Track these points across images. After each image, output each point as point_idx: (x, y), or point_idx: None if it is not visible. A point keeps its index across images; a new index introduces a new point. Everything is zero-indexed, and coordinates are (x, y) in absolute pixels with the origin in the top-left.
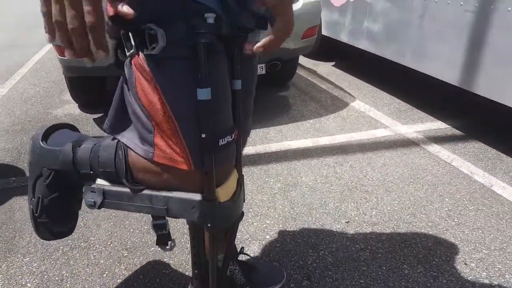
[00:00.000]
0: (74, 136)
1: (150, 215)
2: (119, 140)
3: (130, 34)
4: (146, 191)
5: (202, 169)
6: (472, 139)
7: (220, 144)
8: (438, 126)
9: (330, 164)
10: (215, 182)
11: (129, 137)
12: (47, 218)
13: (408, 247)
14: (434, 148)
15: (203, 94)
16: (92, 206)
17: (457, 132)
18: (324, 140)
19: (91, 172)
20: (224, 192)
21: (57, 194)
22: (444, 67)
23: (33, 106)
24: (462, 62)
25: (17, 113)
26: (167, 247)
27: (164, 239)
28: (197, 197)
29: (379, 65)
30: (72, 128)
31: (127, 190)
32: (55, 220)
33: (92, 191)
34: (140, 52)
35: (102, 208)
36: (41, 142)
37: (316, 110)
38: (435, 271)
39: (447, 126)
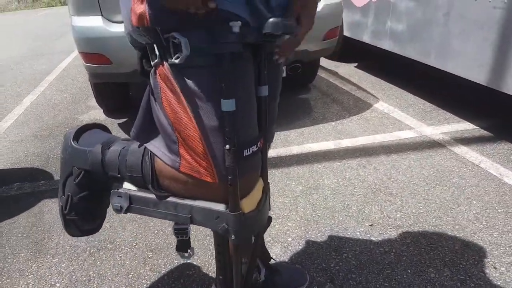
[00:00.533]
0: (105, 137)
1: None
2: (145, 147)
3: (154, 43)
4: (171, 199)
5: (226, 181)
6: (501, 140)
7: (245, 155)
8: (465, 127)
9: (353, 167)
10: (239, 193)
11: (156, 145)
12: (76, 216)
13: (434, 250)
14: (461, 150)
15: (228, 105)
16: (118, 210)
17: (485, 133)
18: (347, 142)
19: (119, 175)
20: (249, 203)
21: (86, 193)
22: (471, 66)
23: (60, 112)
24: (490, 60)
25: (45, 119)
26: (186, 254)
27: (184, 245)
28: (221, 207)
29: (403, 66)
30: (104, 128)
31: (153, 196)
32: (83, 217)
33: (119, 196)
34: (164, 62)
35: None
36: (72, 142)
37: (338, 112)
38: (463, 274)
39: (474, 127)
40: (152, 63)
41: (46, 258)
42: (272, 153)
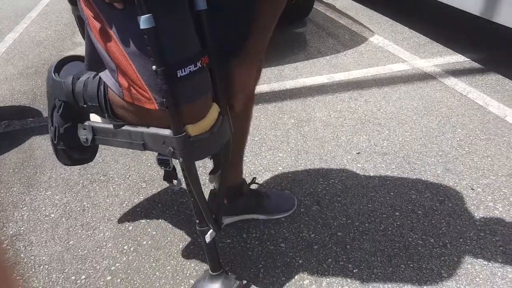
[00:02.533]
0: (80, 68)
1: None
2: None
3: None
4: (126, 127)
5: (163, 106)
6: (491, 71)
7: (179, 76)
8: (456, 59)
9: (345, 100)
10: (186, 119)
11: (107, 74)
12: (64, 146)
13: (417, 174)
14: (451, 81)
15: (145, 22)
16: (85, 142)
17: (475, 65)
18: (340, 76)
19: (85, 105)
20: (197, 127)
21: (70, 124)
22: None
23: (46, 49)
24: None
25: (30, 57)
26: (174, 184)
27: (170, 175)
28: (166, 132)
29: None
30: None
31: (111, 126)
32: (72, 147)
33: (84, 129)
34: None
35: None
36: (53, 74)
37: (333, 46)
38: (442, 196)
39: (466, 59)
40: None
41: (39, 191)
42: (265, 88)
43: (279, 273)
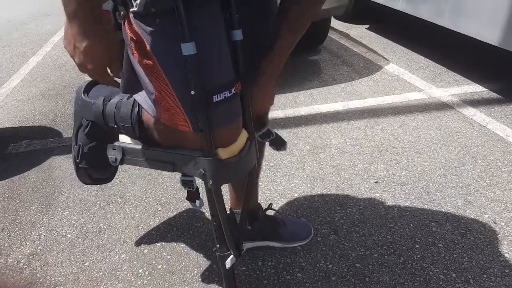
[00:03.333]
0: (110, 91)
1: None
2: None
3: None
4: (156, 148)
5: (198, 129)
6: (510, 102)
7: (215, 101)
8: (474, 89)
9: (361, 127)
10: (218, 142)
11: (142, 96)
12: (86, 165)
13: (437, 206)
14: (469, 111)
15: (187, 49)
16: (114, 162)
17: (494, 95)
18: (355, 104)
19: (115, 126)
20: (227, 151)
21: (95, 143)
22: (484, 26)
23: (67, 72)
24: (503, 20)
25: (51, 79)
26: (196, 204)
27: (193, 195)
28: (198, 153)
29: (415, 27)
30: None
31: (141, 147)
32: (93, 166)
33: (113, 149)
34: (129, 12)
35: (136, 167)
36: (82, 94)
37: (348, 74)
38: (463, 228)
39: (484, 89)
40: (121, 15)
41: (56, 211)
42: (280, 114)
43: None
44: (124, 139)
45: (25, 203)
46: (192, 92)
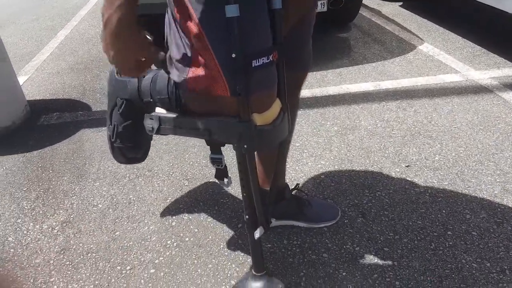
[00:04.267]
0: None
1: (209, 150)
2: None
3: None
4: (192, 116)
5: (236, 93)
6: None
7: (253, 65)
8: None
9: (392, 109)
10: (254, 108)
11: (178, 67)
12: (121, 144)
13: (471, 193)
14: (510, 95)
15: (231, 11)
16: (150, 131)
17: None
18: (387, 84)
19: (151, 100)
20: (262, 117)
21: (130, 122)
22: None
23: (94, 46)
24: None
25: (79, 53)
26: (224, 182)
27: (221, 173)
28: (234, 119)
29: (452, 5)
30: None
31: (177, 116)
32: (128, 145)
33: (150, 118)
34: None
35: (164, 142)
36: (115, 74)
37: (380, 53)
38: (500, 217)
39: None
40: None
41: (88, 181)
42: (307, 93)
43: (321, 283)
44: (160, 110)
45: (58, 173)
46: (233, 55)
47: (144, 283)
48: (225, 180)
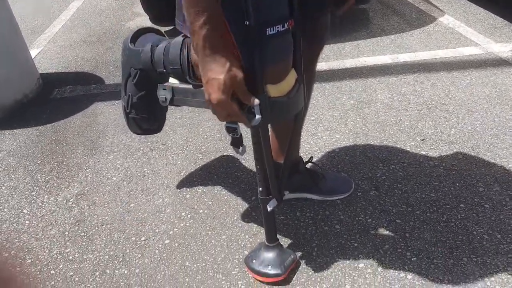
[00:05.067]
0: (156, 39)
1: (223, 124)
2: (184, 38)
3: None
4: None
5: (249, 63)
6: None
7: (268, 34)
8: None
9: (410, 82)
10: (268, 78)
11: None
12: (136, 114)
13: (486, 166)
14: None
15: None
16: (164, 102)
17: None
18: (405, 57)
19: (164, 70)
20: (276, 89)
21: (144, 92)
22: None
23: (107, 19)
24: None
25: (92, 25)
26: (239, 150)
27: (236, 142)
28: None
29: None
30: (158, 32)
31: (191, 87)
32: (143, 116)
33: (163, 89)
34: None
35: (178, 116)
36: (129, 44)
37: (398, 25)
38: None
39: None
40: None
41: (101, 155)
42: (323, 66)
43: (333, 253)
44: (173, 81)
45: (71, 146)
46: (247, 23)
47: (159, 253)
48: (240, 148)
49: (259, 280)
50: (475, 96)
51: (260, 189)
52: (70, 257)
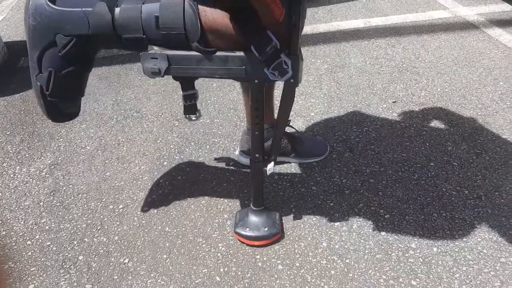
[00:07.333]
0: None
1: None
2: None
3: None
4: (220, 53)
5: (291, 24)
6: None
7: None
8: (503, 8)
9: (382, 46)
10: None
11: None
12: (58, 97)
13: (454, 126)
14: (495, 32)
15: None
16: (156, 73)
17: None
18: (377, 21)
19: (143, 35)
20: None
21: (73, 68)
22: None
23: None
24: None
25: None
26: (193, 117)
27: (191, 109)
28: (282, 52)
29: None
30: None
31: (195, 53)
32: (67, 98)
33: (153, 57)
34: None
35: (151, 83)
36: (47, 3)
37: None
38: (479, 148)
39: None
40: None
41: (73, 124)
42: None
43: (310, 213)
44: (155, 48)
45: (42, 116)
46: None
47: (138, 220)
48: (197, 113)
49: (259, 245)
50: (444, 59)
51: (257, 155)
52: (47, 227)
